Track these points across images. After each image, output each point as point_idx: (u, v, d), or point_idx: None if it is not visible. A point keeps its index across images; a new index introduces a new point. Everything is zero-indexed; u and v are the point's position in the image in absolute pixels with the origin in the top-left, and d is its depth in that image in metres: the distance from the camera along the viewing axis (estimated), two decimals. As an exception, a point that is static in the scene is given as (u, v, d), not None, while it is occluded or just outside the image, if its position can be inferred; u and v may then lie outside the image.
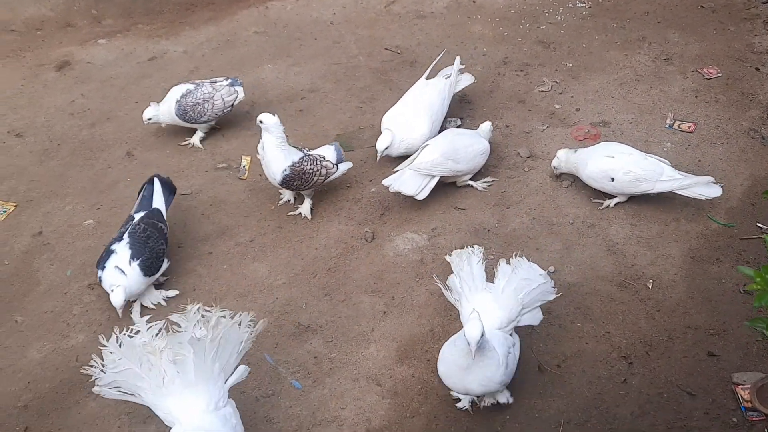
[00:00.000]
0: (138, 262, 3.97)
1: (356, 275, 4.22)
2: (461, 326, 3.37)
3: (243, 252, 4.41)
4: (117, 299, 3.88)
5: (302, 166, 4.36)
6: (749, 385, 3.45)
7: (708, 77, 5.31)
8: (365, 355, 3.81)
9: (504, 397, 3.43)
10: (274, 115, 4.28)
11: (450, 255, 3.69)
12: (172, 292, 4.16)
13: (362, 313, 4.01)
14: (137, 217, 4.19)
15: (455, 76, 5.01)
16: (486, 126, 4.73)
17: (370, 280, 4.18)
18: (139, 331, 3.10)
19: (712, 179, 4.20)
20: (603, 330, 3.81)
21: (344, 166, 4.59)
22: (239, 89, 5.12)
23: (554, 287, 3.56)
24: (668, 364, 3.63)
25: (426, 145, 4.50)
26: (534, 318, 3.57)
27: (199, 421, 2.97)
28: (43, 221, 4.69)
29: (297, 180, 4.38)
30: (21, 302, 4.21)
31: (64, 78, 5.92)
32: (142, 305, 4.10)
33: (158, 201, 4.32)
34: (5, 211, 4.75)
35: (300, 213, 4.58)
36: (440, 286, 3.64)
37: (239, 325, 3.16)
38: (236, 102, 5.11)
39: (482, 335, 3.03)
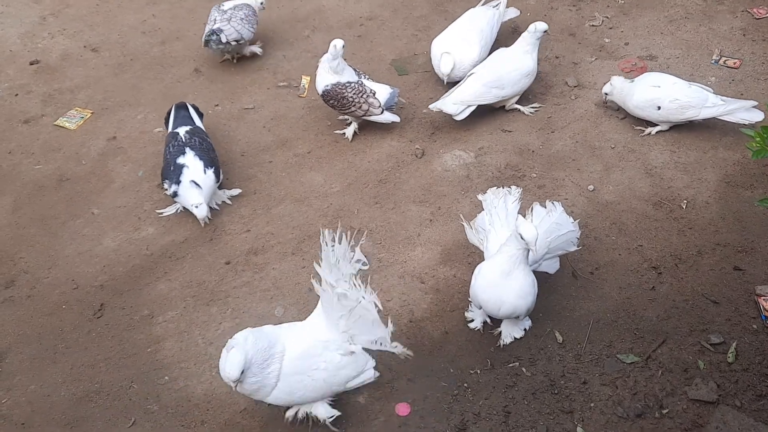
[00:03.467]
0: (212, 169, 4.30)
1: (405, 187, 4.49)
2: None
3: (300, 162, 4.71)
4: (202, 214, 4.23)
5: (344, 91, 4.60)
6: (772, 297, 3.67)
7: (757, 17, 5.42)
8: (411, 256, 4.10)
9: (520, 331, 3.64)
10: (337, 41, 4.54)
11: (483, 194, 3.83)
12: (235, 191, 4.49)
13: (410, 220, 4.29)
14: (182, 131, 4.45)
15: (504, 6, 5.21)
16: (541, 26, 4.74)
17: (419, 192, 4.45)
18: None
19: (756, 103, 4.37)
20: (636, 243, 4.04)
21: (389, 117, 4.71)
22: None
23: (579, 238, 3.72)
24: (696, 275, 3.86)
25: (471, 74, 4.73)
26: (552, 266, 3.74)
27: None
28: (117, 127, 5.05)
29: (333, 100, 4.64)
30: (97, 197, 4.58)
31: (136, -1, 6.27)
32: (209, 206, 4.41)
33: (198, 122, 4.62)
34: (83, 117, 5.12)
35: (344, 134, 4.85)
36: (465, 225, 3.82)
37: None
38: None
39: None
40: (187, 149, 4.35)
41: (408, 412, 3.40)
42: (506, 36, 5.39)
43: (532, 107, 4.89)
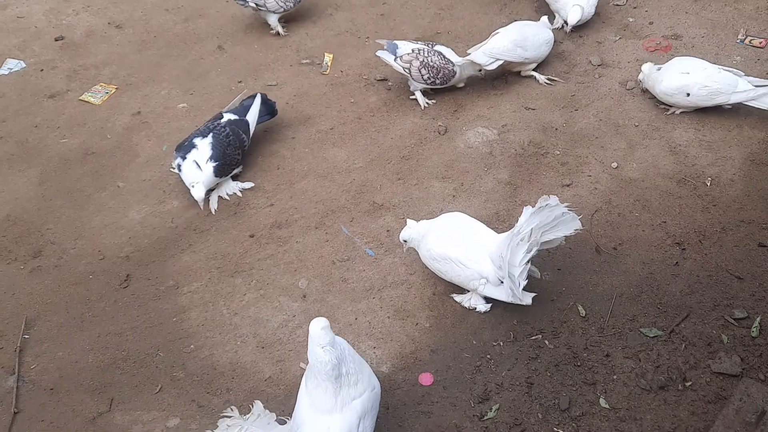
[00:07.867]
0: (214, 164, 4.30)
1: (428, 163, 4.50)
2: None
3: (323, 138, 4.73)
4: (198, 194, 4.26)
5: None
6: (796, 271, 3.65)
7: (784, -3, 5.38)
8: (434, 231, 4.11)
9: (484, 305, 3.66)
10: None
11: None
12: (248, 184, 4.48)
13: (432, 196, 4.30)
14: (226, 118, 4.49)
15: None
16: (544, 19, 5.05)
17: (441, 168, 4.46)
18: None
19: None
20: (660, 220, 4.03)
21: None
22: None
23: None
24: (720, 251, 3.85)
25: (496, 33, 4.82)
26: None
27: None
28: (141, 103, 5.09)
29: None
30: (123, 170, 4.63)
31: (159, -23, 6.29)
32: (219, 196, 4.43)
33: (252, 115, 4.58)
34: (108, 93, 5.17)
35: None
36: None
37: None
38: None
39: None
40: (210, 136, 4.36)
41: (431, 381, 3.42)
42: (533, 17, 5.39)
43: (549, 78, 4.93)
